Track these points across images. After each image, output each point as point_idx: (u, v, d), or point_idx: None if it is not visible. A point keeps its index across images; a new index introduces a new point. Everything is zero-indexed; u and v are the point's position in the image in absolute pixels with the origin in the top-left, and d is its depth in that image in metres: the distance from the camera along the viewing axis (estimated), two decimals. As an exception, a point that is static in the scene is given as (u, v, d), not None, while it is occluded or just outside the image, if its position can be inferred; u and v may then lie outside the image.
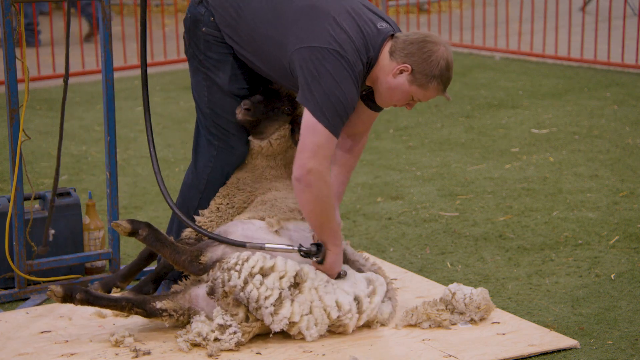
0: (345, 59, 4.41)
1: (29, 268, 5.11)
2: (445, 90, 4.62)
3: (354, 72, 4.44)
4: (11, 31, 4.89)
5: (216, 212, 4.86)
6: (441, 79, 4.55)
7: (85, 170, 7.22)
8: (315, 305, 4.49)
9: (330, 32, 4.43)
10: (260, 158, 4.88)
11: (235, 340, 4.43)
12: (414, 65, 4.50)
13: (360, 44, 4.47)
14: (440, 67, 4.51)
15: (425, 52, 4.51)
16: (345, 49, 4.42)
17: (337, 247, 4.56)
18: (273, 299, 4.41)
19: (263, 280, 4.41)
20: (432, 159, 7.43)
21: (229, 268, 4.44)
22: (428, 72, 4.51)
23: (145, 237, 4.59)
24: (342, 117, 4.44)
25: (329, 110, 4.40)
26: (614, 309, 4.89)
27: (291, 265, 4.49)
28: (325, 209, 4.47)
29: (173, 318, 4.57)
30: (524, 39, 11.39)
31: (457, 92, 9.50)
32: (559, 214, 6.21)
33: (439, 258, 5.61)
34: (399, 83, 4.53)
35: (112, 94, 5.17)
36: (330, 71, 4.39)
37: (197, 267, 4.58)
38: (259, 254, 4.49)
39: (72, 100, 9.34)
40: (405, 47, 4.52)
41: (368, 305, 4.61)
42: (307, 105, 4.41)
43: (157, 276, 4.85)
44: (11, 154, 5.01)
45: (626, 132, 7.99)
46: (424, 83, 4.53)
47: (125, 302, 4.55)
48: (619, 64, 10.27)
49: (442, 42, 4.55)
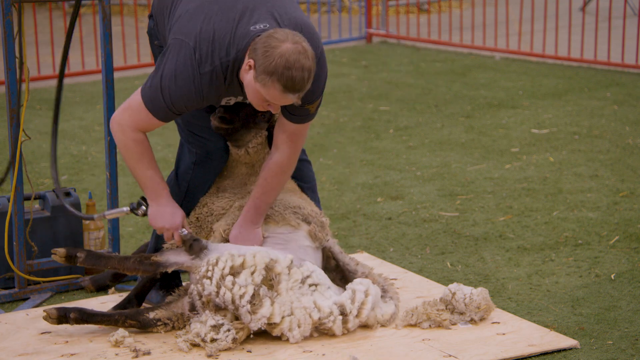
0: (193, 56, 4.39)
1: (29, 268, 5.11)
2: (293, 92, 4.30)
3: (197, 70, 4.38)
4: (11, 31, 4.89)
5: (196, 222, 4.87)
6: (279, 77, 4.26)
7: (85, 170, 7.22)
8: (296, 306, 4.50)
9: (198, 29, 4.41)
10: (239, 165, 4.89)
11: (231, 337, 4.44)
12: (255, 60, 4.32)
13: (222, 45, 4.38)
14: (277, 63, 4.25)
15: (265, 47, 4.29)
16: (200, 47, 4.38)
17: (152, 200, 4.66)
18: (248, 296, 4.42)
19: (235, 280, 4.44)
20: (432, 159, 7.43)
21: (201, 277, 4.47)
22: (264, 67, 4.27)
23: (85, 259, 4.71)
24: (166, 104, 4.46)
25: (155, 93, 4.46)
26: (614, 309, 4.89)
27: (260, 258, 4.51)
28: (129, 160, 4.60)
29: (168, 326, 4.62)
30: (524, 39, 11.39)
31: (457, 92, 9.50)
32: (559, 214, 6.21)
33: (439, 258, 5.61)
34: (248, 80, 4.38)
35: (112, 94, 5.17)
36: (173, 63, 4.42)
37: (147, 265, 4.66)
38: (226, 253, 4.51)
39: (72, 100, 9.34)
40: (256, 42, 4.35)
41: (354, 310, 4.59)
42: (145, 80, 4.53)
43: (138, 292, 4.86)
44: (11, 154, 5.01)
45: (626, 132, 7.99)
46: (262, 80, 4.30)
47: (119, 316, 4.62)
48: (619, 64, 10.27)
49: (290, 40, 4.28)
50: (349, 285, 4.69)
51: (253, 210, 4.71)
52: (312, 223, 4.78)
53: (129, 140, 4.56)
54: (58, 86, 4.95)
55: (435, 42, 11.70)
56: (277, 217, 4.76)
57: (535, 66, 10.60)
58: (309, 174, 5.07)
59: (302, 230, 4.76)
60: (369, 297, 4.64)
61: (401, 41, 12.00)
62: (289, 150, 4.67)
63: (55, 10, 13.06)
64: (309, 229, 4.75)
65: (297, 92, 4.31)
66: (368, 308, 4.62)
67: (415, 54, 11.34)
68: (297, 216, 4.77)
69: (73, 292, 5.25)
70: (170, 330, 4.63)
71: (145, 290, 4.86)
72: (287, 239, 4.73)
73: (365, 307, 4.61)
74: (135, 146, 4.57)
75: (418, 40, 11.89)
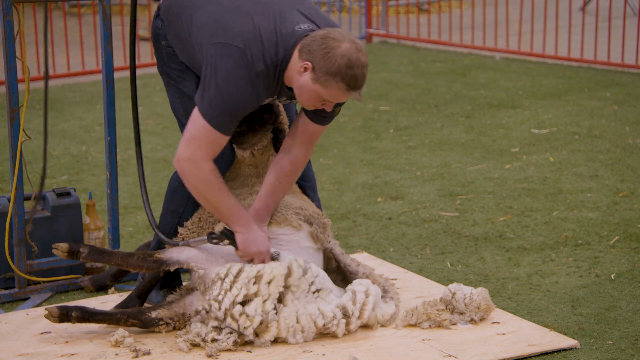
0: (245, 57, 4.36)
1: (29, 268, 5.11)
2: (355, 89, 4.38)
3: (251, 71, 4.36)
4: (11, 31, 4.89)
5: (197, 222, 4.86)
6: (342, 77, 4.34)
7: (85, 170, 7.22)
8: (301, 313, 4.50)
9: (241, 30, 4.39)
10: (243, 167, 4.89)
11: (232, 340, 4.44)
12: (314, 62, 4.35)
13: (270, 44, 4.39)
14: (339, 64, 4.32)
15: (324, 49, 4.34)
16: (249, 47, 4.36)
17: (242, 227, 4.53)
18: (254, 326, 4.44)
19: (244, 310, 4.43)
20: (432, 159, 7.43)
21: (211, 298, 4.47)
22: (326, 69, 4.33)
23: (88, 254, 4.69)
24: (227, 115, 4.39)
25: (213, 108, 4.38)
26: (614, 309, 4.89)
27: (274, 287, 4.50)
28: (209, 194, 4.47)
29: (170, 326, 4.62)
30: (524, 39, 11.39)
31: (457, 92, 9.50)
32: (559, 214, 6.21)
33: (439, 258, 5.61)
34: (304, 81, 4.40)
35: (112, 94, 5.17)
36: (225, 68, 4.37)
37: (150, 262, 4.64)
38: (243, 278, 4.49)
39: (72, 100, 9.34)
40: (309, 44, 4.38)
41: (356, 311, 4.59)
42: (196, 99, 4.43)
43: (140, 292, 4.86)
44: (11, 154, 5.01)
45: (626, 132, 7.99)
46: (324, 81, 4.35)
47: (121, 314, 4.62)
48: (619, 64, 10.27)
49: (346, 39, 4.36)
50: (349, 287, 4.69)
51: (264, 209, 4.71)
52: (314, 224, 4.77)
53: (207, 173, 4.45)
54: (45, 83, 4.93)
55: (435, 42, 11.70)
56: (279, 217, 4.76)
57: (535, 66, 10.60)
58: (309, 173, 5.07)
59: (303, 231, 4.75)
60: (370, 298, 4.64)
61: (401, 41, 12.00)
62: (306, 151, 4.70)
63: (55, 10, 13.06)
64: (310, 230, 4.75)
65: (359, 89, 4.40)
66: (369, 309, 4.62)
67: (415, 54, 11.34)
68: (299, 217, 4.77)
69: (73, 292, 5.25)
70: (172, 330, 4.63)
71: (147, 290, 4.86)
72: (288, 240, 4.73)
73: (367, 308, 4.61)
74: (214, 177, 4.48)
75: (418, 40, 11.89)
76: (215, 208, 4.54)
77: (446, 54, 11.35)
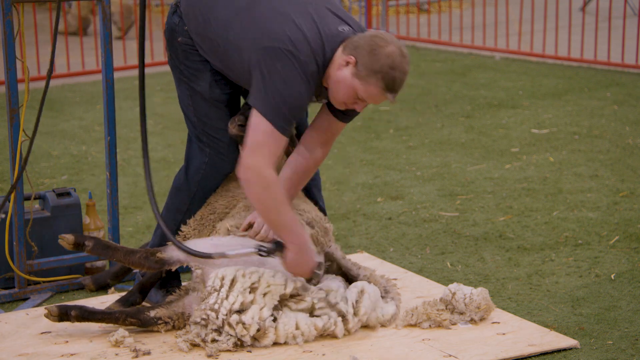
0: (297, 59, 4.36)
1: (29, 268, 5.11)
2: (392, 92, 4.43)
3: (305, 72, 4.38)
4: (11, 31, 4.89)
5: (200, 220, 4.86)
6: (383, 76, 4.38)
7: (85, 170, 7.22)
8: (300, 318, 4.50)
9: (287, 32, 4.40)
10: None
11: (232, 341, 4.44)
12: (358, 57, 4.39)
13: (316, 45, 4.41)
14: (383, 63, 4.37)
15: (371, 45, 4.40)
16: (299, 49, 4.37)
17: (293, 245, 4.47)
18: (252, 333, 4.43)
19: (241, 318, 4.42)
20: (432, 159, 7.43)
21: (207, 307, 4.46)
22: (369, 65, 4.38)
23: (93, 247, 4.66)
24: (289, 116, 4.39)
25: (275, 109, 4.37)
26: (614, 309, 4.89)
27: (269, 299, 4.49)
28: (270, 205, 4.41)
29: (168, 325, 4.62)
30: (524, 39, 11.39)
31: (457, 92, 9.50)
32: (559, 214, 6.21)
33: (439, 258, 5.61)
34: (343, 76, 4.43)
35: (112, 94, 5.17)
36: (280, 71, 4.36)
37: (152, 262, 4.63)
38: (238, 286, 4.48)
39: (72, 100, 9.34)
40: (356, 40, 4.43)
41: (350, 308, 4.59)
42: (254, 104, 4.40)
43: (143, 286, 4.86)
44: (11, 154, 5.01)
45: (626, 132, 7.99)
46: (364, 76, 4.39)
47: (119, 314, 4.62)
48: (619, 64, 10.27)
49: (394, 43, 4.44)
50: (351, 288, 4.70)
51: None
52: (315, 228, 4.77)
53: (271, 181, 4.39)
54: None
55: (435, 42, 11.70)
56: None
57: (535, 66, 10.60)
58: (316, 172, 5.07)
59: None
60: (365, 295, 4.63)
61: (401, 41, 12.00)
62: (327, 148, 4.76)
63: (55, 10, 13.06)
64: (311, 233, 4.74)
65: (394, 93, 4.44)
66: (365, 305, 4.61)
67: (415, 54, 11.34)
68: (301, 219, 4.76)
69: (73, 292, 5.25)
70: (171, 329, 4.63)
71: (149, 285, 4.86)
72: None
73: (362, 304, 4.61)
74: (277, 186, 4.43)
75: (418, 40, 11.89)
76: (271, 220, 4.47)
77: (446, 54, 11.36)
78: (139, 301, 4.83)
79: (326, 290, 4.59)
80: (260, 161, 4.36)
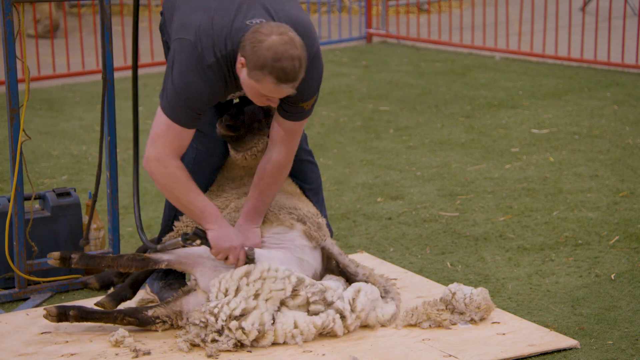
0: (196, 50, 4.35)
1: (29, 268, 5.11)
2: (287, 82, 4.27)
3: (201, 63, 4.36)
4: (11, 31, 4.89)
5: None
6: (270, 70, 4.24)
7: (85, 170, 7.22)
8: (298, 317, 4.50)
9: (197, 24, 4.39)
10: (236, 168, 4.90)
11: (232, 342, 4.44)
12: (246, 56, 4.31)
13: (220, 37, 4.36)
14: (265, 57, 4.23)
15: (252, 42, 4.27)
16: (201, 40, 4.35)
17: (213, 224, 4.52)
18: (251, 339, 4.44)
19: (240, 324, 4.43)
20: (432, 159, 7.43)
21: (207, 311, 4.46)
22: (254, 63, 4.26)
23: (79, 260, 4.70)
24: (185, 108, 4.38)
25: (171, 102, 4.39)
26: (614, 309, 4.89)
27: (271, 304, 4.50)
28: (179, 192, 4.48)
29: (166, 324, 4.63)
30: (524, 39, 11.39)
31: (457, 92, 9.50)
32: (559, 214, 6.21)
33: (439, 258, 5.61)
34: (243, 77, 4.37)
35: (112, 94, 5.17)
36: (180, 62, 4.38)
37: (139, 261, 4.66)
38: (242, 294, 4.48)
39: (72, 100, 9.34)
40: (244, 39, 4.34)
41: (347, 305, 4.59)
42: (160, 95, 4.46)
43: (134, 281, 4.87)
44: (11, 154, 5.01)
45: (626, 132, 7.99)
46: (255, 75, 4.28)
47: (117, 313, 4.64)
48: (619, 64, 10.27)
49: (275, 32, 4.26)
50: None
51: (253, 210, 4.70)
52: (307, 223, 4.77)
53: (173, 169, 4.45)
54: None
55: (435, 42, 11.70)
56: (271, 217, 4.76)
57: (535, 66, 10.60)
58: (312, 176, 5.05)
59: (296, 230, 4.75)
60: (361, 292, 4.64)
61: (401, 41, 12.00)
62: (285, 149, 4.66)
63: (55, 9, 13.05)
64: (303, 228, 4.75)
65: (291, 82, 4.30)
66: (361, 301, 4.61)
67: (415, 54, 11.34)
68: (291, 216, 4.77)
69: (73, 292, 5.25)
70: (169, 328, 4.63)
71: (140, 280, 4.87)
72: (283, 239, 4.74)
73: (359, 301, 4.61)
74: (182, 174, 4.47)
75: (418, 40, 11.89)
76: (186, 206, 4.54)
77: (446, 54, 11.35)
78: (130, 296, 4.83)
79: (325, 287, 4.59)
80: (161, 152, 4.43)
